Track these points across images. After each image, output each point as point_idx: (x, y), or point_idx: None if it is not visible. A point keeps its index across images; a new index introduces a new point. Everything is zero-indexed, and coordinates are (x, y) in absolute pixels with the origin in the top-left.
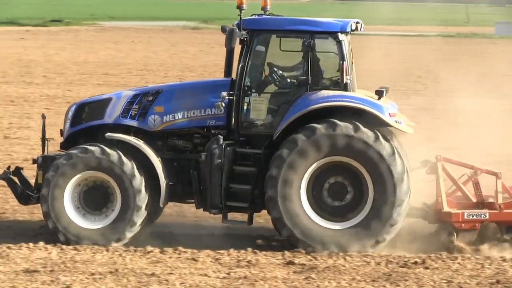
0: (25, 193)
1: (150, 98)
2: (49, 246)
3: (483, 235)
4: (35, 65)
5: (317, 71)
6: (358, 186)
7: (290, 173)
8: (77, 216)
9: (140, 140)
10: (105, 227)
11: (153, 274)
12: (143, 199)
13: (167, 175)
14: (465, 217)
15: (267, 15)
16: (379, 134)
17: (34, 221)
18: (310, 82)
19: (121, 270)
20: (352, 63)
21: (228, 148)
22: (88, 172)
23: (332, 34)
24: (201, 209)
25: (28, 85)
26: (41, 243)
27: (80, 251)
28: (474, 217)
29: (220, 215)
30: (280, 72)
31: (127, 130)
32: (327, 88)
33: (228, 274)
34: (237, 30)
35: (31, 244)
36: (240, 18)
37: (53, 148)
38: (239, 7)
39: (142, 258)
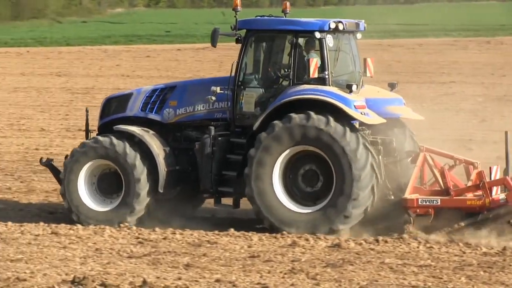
0: None
1: (166, 93)
2: None
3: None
4: None
5: (300, 67)
6: (328, 175)
7: (265, 154)
8: (89, 199)
9: (149, 131)
10: (110, 211)
11: None
12: (142, 187)
13: (175, 163)
14: (419, 203)
15: (268, 16)
16: (347, 129)
17: None
18: (292, 77)
19: None
20: (336, 59)
21: (219, 138)
22: (99, 160)
23: (311, 32)
24: None
25: None
26: None
27: None
28: (427, 203)
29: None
30: (269, 68)
31: (147, 122)
32: (308, 83)
33: None
34: (219, 30)
35: None
36: (236, 19)
37: None
38: (234, 9)
39: None
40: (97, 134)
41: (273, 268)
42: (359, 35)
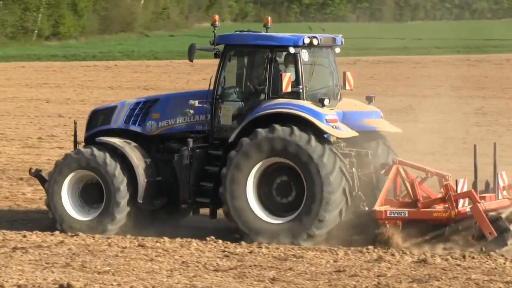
0: None
1: (149, 106)
2: None
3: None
4: None
5: (275, 82)
6: (300, 184)
7: (236, 172)
8: (71, 207)
9: (130, 143)
10: (91, 220)
11: None
12: (122, 196)
13: (156, 174)
14: (388, 214)
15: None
16: (312, 137)
17: None
18: (267, 91)
19: None
20: (311, 74)
21: (197, 150)
22: (81, 171)
23: (285, 48)
24: None
25: None
26: None
27: None
28: (395, 214)
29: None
30: (246, 82)
31: (131, 134)
32: (283, 97)
33: None
34: (195, 45)
35: None
36: (214, 34)
37: None
38: (213, 25)
39: None
40: (84, 146)
41: (358, 283)
42: (337, 50)
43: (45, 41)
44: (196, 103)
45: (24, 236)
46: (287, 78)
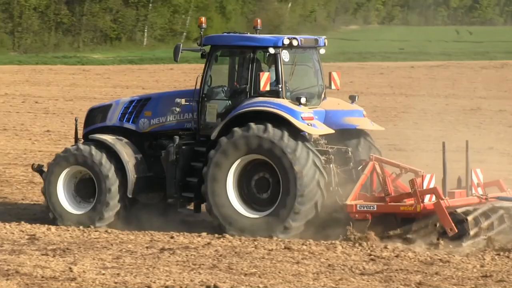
0: None
1: (142, 104)
2: None
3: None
4: None
5: (257, 81)
6: (277, 180)
7: (216, 170)
8: (66, 201)
9: (122, 140)
10: (84, 213)
11: None
12: (112, 189)
13: (146, 170)
14: (358, 208)
15: (231, 33)
16: (285, 133)
17: None
18: (248, 90)
19: None
20: (292, 73)
21: (184, 147)
22: (71, 168)
23: (265, 48)
24: None
25: None
26: None
27: None
28: (365, 208)
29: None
30: (230, 82)
31: (125, 131)
32: (263, 95)
33: None
34: (181, 46)
35: None
36: (201, 35)
37: None
38: (200, 26)
39: None
40: (82, 142)
41: None
42: (322, 50)
43: (193, 43)
44: (183, 101)
45: (172, 237)
46: (265, 77)
